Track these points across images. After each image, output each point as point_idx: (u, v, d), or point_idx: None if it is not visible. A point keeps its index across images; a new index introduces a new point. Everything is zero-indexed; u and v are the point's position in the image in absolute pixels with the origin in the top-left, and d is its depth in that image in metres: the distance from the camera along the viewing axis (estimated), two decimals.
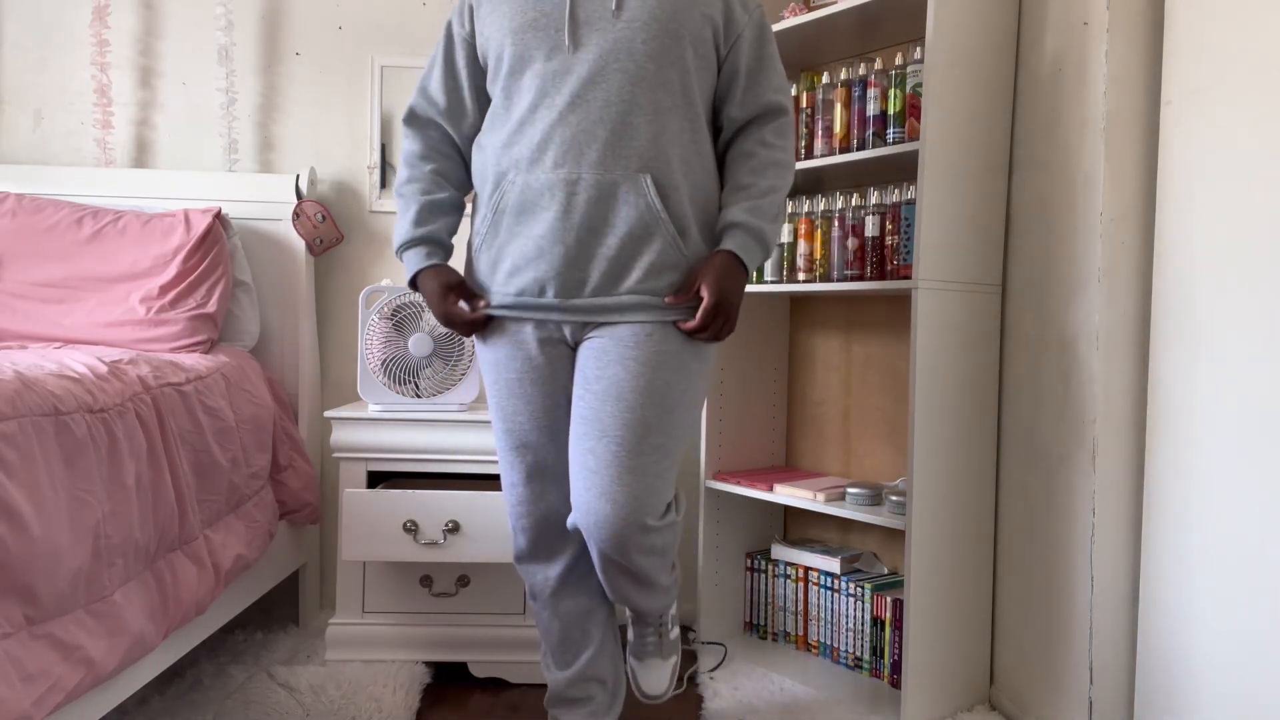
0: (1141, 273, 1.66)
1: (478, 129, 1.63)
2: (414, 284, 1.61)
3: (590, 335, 1.53)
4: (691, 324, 1.48)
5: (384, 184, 2.54)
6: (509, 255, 1.51)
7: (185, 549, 1.69)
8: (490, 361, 1.59)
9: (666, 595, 1.70)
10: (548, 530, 1.63)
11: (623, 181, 1.46)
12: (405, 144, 1.65)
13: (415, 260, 1.59)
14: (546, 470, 1.60)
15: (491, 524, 1.96)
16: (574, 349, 1.56)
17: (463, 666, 2.13)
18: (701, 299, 1.47)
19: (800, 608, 2.29)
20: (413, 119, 1.64)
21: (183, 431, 1.72)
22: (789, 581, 2.32)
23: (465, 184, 1.68)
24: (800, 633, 2.30)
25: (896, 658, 2.07)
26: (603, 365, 1.49)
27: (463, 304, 1.58)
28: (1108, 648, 1.66)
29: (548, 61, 1.48)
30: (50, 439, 1.30)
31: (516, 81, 1.51)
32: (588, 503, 1.49)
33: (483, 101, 1.62)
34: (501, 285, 1.54)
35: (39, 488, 1.25)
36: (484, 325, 1.58)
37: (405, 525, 1.95)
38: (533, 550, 1.64)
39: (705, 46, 1.51)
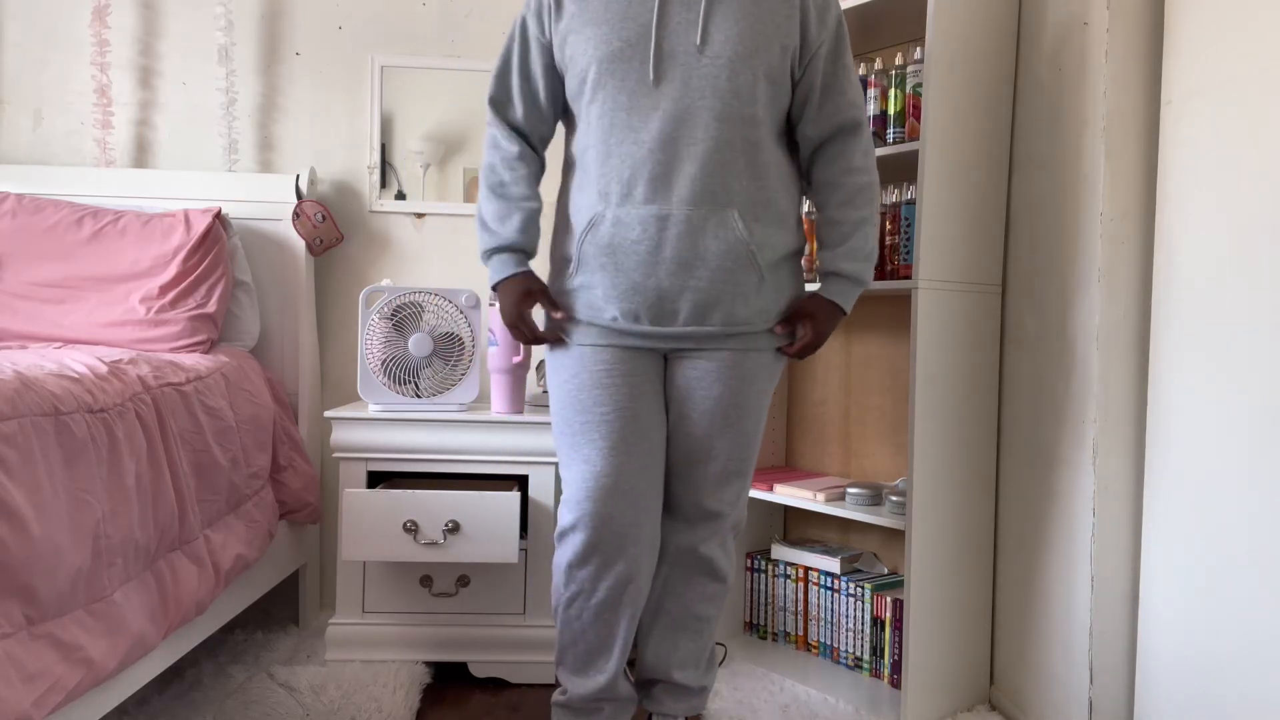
0: (1142, 273, 1.66)
1: (552, 135, 1.68)
2: (496, 288, 1.66)
3: (685, 355, 1.60)
4: (791, 349, 1.60)
5: (384, 184, 2.54)
6: (599, 285, 1.54)
7: (185, 549, 1.69)
8: (572, 357, 1.59)
9: (710, 669, 1.77)
10: (617, 525, 1.57)
11: (711, 216, 1.50)
12: (497, 139, 1.65)
13: (510, 265, 1.62)
14: (630, 452, 1.57)
15: (491, 524, 1.96)
16: (662, 354, 1.62)
17: (463, 666, 2.13)
18: (799, 328, 1.59)
19: (800, 608, 2.29)
20: (498, 110, 1.65)
21: (183, 431, 1.72)
22: (789, 581, 2.32)
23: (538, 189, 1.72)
24: (800, 633, 2.30)
25: (897, 658, 2.07)
26: (707, 387, 1.59)
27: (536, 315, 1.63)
28: (1108, 648, 1.66)
29: (634, 95, 1.50)
30: (50, 439, 1.30)
31: (602, 108, 1.52)
32: (697, 505, 1.64)
33: (558, 108, 1.65)
34: (593, 310, 1.57)
35: (39, 488, 1.25)
36: (553, 340, 1.63)
37: (405, 525, 1.95)
38: (593, 547, 1.57)
39: (783, 76, 1.54)
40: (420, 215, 2.54)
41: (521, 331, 1.63)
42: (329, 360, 2.55)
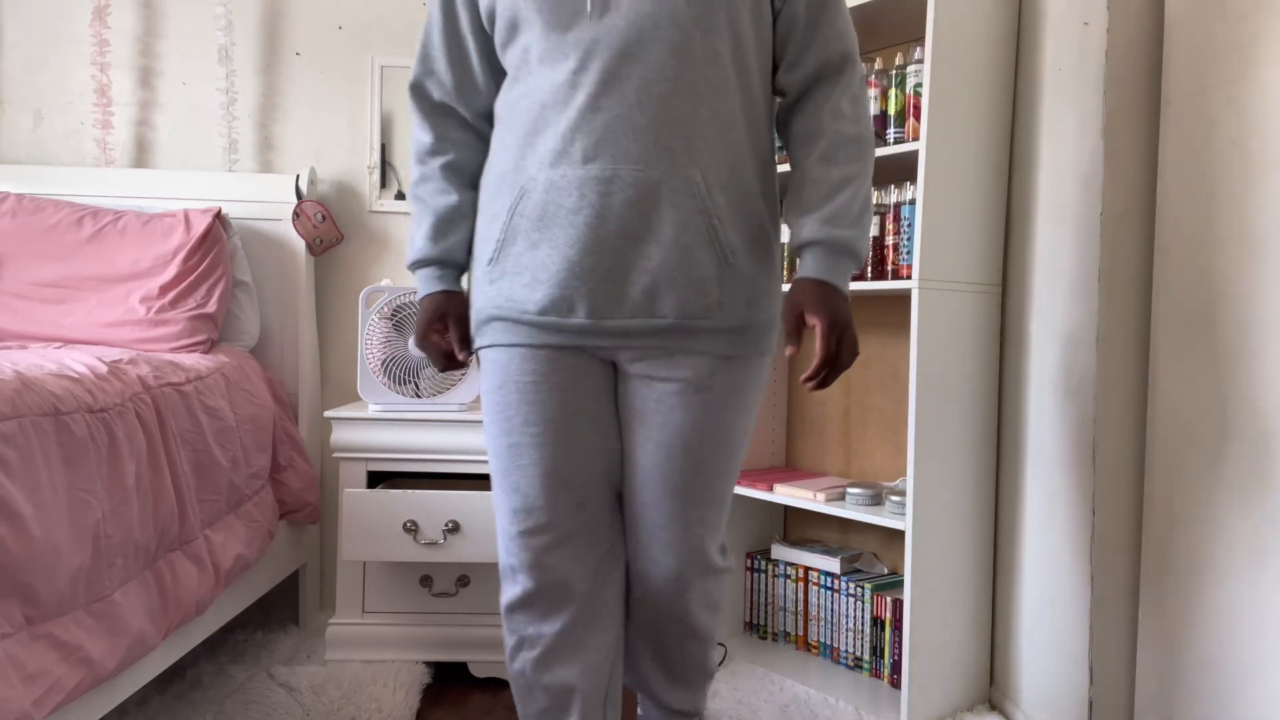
0: (1142, 272, 1.66)
1: (492, 102, 1.38)
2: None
3: (640, 363, 1.29)
4: (809, 375, 1.24)
5: (384, 184, 2.54)
6: (528, 267, 1.26)
7: (185, 549, 1.69)
8: (496, 364, 1.32)
9: (702, 689, 1.52)
10: (558, 566, 1.32)
11: (667, 180, 1.21)
12: (415, 131, 1.42)
13: (427, 283, 1.41)
14: (566, 483, 1.31)
15: (492, 524, 1.96)
16: (608, 362, 1.33)
17: (463, 667, 2.13)
18: (791, 341, 1.25)
19: (800, 608, 2.29)
20: (418, 96, 1.40)
21: (183, 431, 1.72)
22: (789, 581, 2.32)
23: (480, 171, 1.44)
24: (800, 633, 2.30)
25: (896, 658, 2.07)
26: (665, 410, 1.29)
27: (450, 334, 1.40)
28: (1108, 648, 1.66)
29: (568, 31, 1.21)
30: (50, 439, 1.30)
31: (532, 55, 1.25)
32: (652, 557, 1.36)
33: (496, 71, 1.37)
34: (515, 303, 1.28)
35: (39, 488, 1.25)
36: (459, 361, 1.42)
37: (405, 525, 1.95)
38: (535, 593, 1.33)
39: (761, 3, 1.26)
40: None
41: (433, 356, 1.41)
42: (329, 361, 2.55)
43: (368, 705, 1.87)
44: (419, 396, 2.15)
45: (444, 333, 1.40)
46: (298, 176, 2.40)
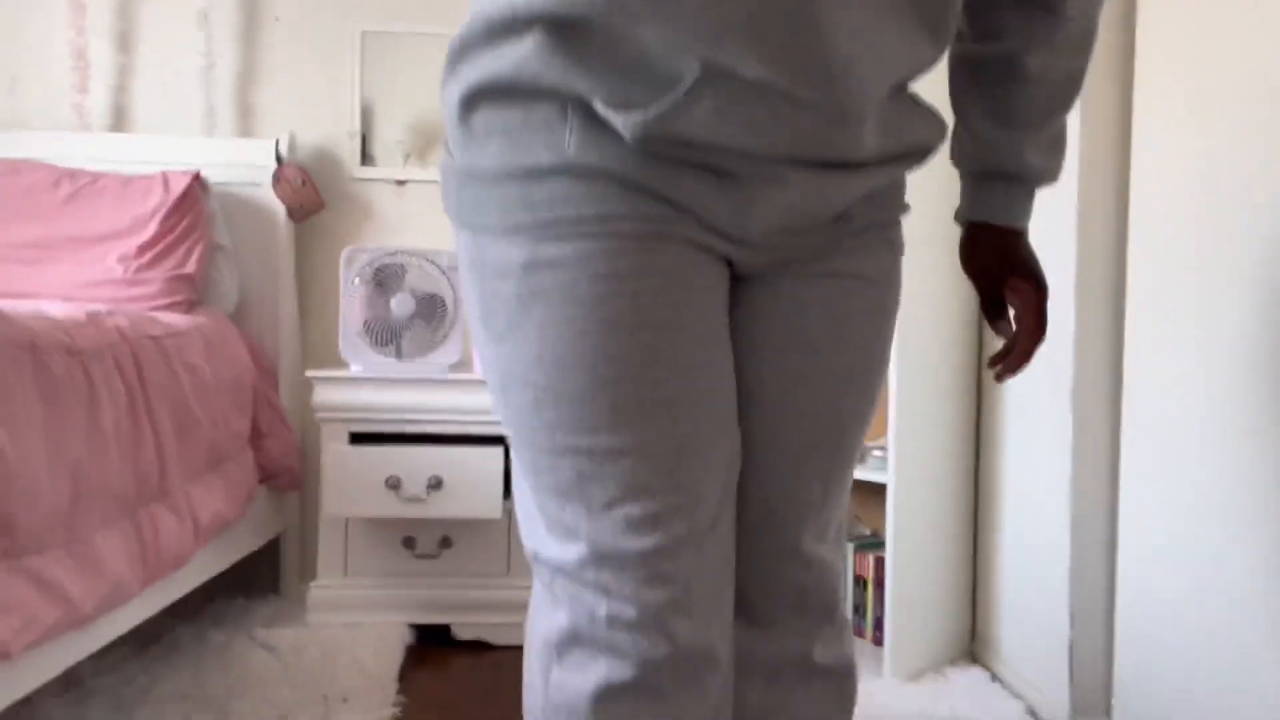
0: (1118, 220, 1.68)
1: None
2: None
3: (790, 271, 0.85)
4: (1009, 360, 0.96)
5: (365, 152, 2.52)
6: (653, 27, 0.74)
7: (165, 501, 1.67)
8: (570, 279, 0.75)
9: None
10: (715, 557, 0.80)
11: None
12: None
13: None
14: (705, 454, 0.79)
15: (474, 479, 1.95)
16: (732, 269, 0.84)
17: (446, 629, 2.12)
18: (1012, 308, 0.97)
19: None
20: None
21: (161, 385, 1.70)
22: None
23: None
24: None
25: (879, 615, 2.08)
26: (842, 326, 0.86)
27: None
28: (1087, 591, 1.67)
29: None
30: (27, 372, 1.28)
31: None
32: (781, 571, 0.88)
33: None
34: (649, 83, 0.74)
35: (15, 418, 1.23)
36: None
37: (388, 481, 1.94)
38: (687, 600, 0.77)
39: None
40: (401, 182, 2.53)
41: None
42: (310, 329, 2.53)
43: (349, 666, 1.86)
44: (401, 358, 2.14)
45: None
46: (277, 141, 2.38)
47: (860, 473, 1.96)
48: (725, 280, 0.83)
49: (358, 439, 2.17)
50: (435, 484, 1.94)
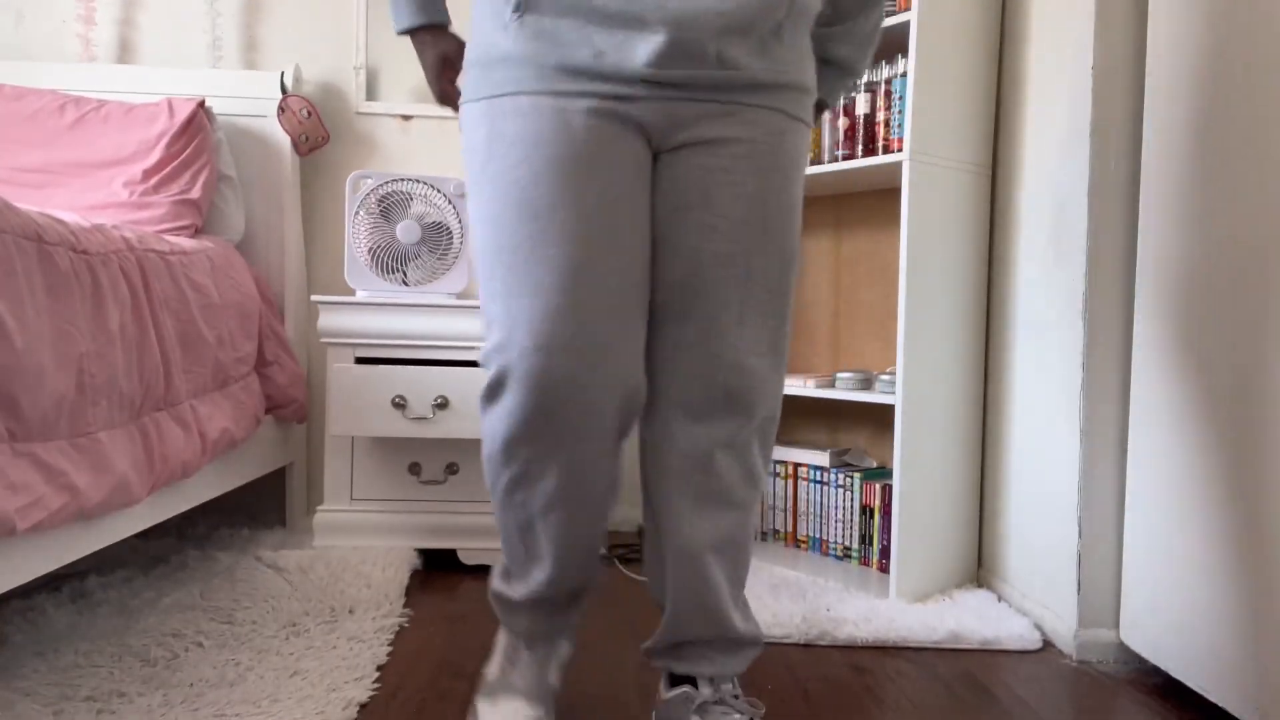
0: (1133, 129, 1.66)
1: None
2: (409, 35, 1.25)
3: (695, 134, 1.08)
4: None
5: (370, 86, 2.51)
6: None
7: (171, 411, 1.67)
8: (506, 136, 1.05)
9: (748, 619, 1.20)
10: (577, 388, 1.04)
11: None
12: None
13: (408, 12, 1.22)
14: (606, 274, 1.05)
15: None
16: (649, 143, 1.10)
17: (452, 554, 2.13)
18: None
19: (789, 504, 2.30)
20: None
21: (167, 298, 1.70)
22: (778, 479, 2.32)
23: None
24: (790, 529, 2.30)
25: (885, 543, 2.07)
26: (738, 175, 1.08)
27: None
28: (1097, 505, 1.66)
29: None
30: (33, 261, 1.28)
31: None
32: (710, 375, 1.10)
33: None
34: (558, 46, 1.05)
35: (21, 304, 1.23)
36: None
37: (394, 400, 1.93)
38: (536, 422, 1.05)
39: None
40: (407, 117, 2.52)
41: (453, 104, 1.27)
42: (315, 262, 2.53)
43: (356, 582, 1.86)
44: (406, 285, 2.13)
45: (453, 80, 1.26)
46: (282, 73, 2.37)
47: (868, 396, 1.95)
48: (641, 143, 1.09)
49: (363, 364, 2.16)
50: (441, 404, 1.93)
